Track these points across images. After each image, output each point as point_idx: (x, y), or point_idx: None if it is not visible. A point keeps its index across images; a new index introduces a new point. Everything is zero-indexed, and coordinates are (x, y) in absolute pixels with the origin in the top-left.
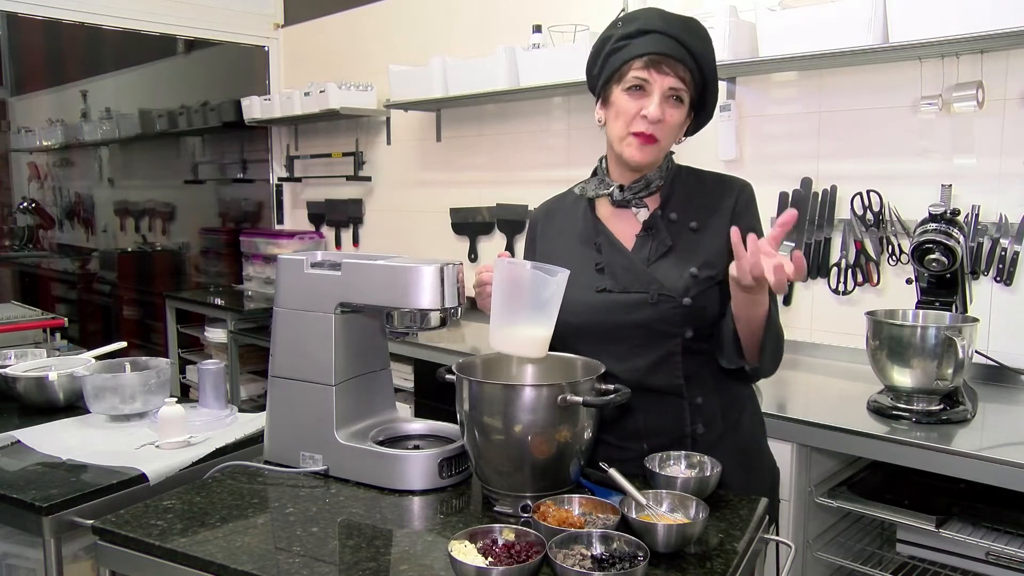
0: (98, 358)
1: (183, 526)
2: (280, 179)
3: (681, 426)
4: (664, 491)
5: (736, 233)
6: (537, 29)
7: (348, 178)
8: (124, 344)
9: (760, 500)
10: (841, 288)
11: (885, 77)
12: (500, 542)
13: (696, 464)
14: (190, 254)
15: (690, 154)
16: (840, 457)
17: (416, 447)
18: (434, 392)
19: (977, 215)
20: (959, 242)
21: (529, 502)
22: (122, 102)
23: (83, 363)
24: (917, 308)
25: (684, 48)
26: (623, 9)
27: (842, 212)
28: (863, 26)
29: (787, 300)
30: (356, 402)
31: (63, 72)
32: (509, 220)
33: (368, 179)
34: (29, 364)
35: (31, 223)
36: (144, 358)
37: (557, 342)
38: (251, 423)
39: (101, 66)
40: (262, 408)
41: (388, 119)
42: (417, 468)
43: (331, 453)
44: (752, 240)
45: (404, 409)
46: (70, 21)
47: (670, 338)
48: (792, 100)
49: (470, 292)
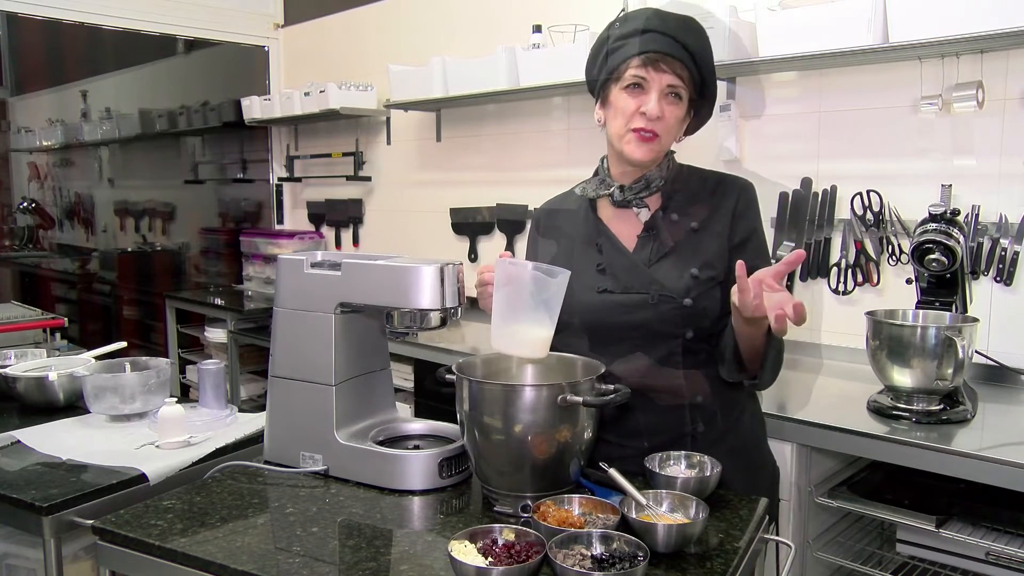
0: (98, 358)
1: (183, 526)
2: (280, 179)
3: (681, 425)
4: (664, 491)
5: (741, 266)
6: (537, 29)
7: (348, 178)
8: (124, 344)
9: (760, 500)
10: (841, 288)
11: (885, 77)
12: (500, 542)
13: (696, 464)
14: (190, 254)
15: (690, 154)
16: (840, 457)
17: (416, 447)
18: (434, 392)
19: (977, 215)
20: (959, 242)
21: (529, 502)
22: (122, 102)
23: (83, 363)
24: (917, 308)
25: (682, 46)
26: (623, 9)
27: (842, 212)
28: (863, 26)
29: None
30: (356, 402)
31: (63, 72)
32: (509, 220)
33: (368, 179)
34: (29, 364)
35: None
36: (144, 358)
37: (558, 341)
38: (251, 423)
39: (101, 66)
40: (262, 408)
41: (388, 119)
42: (417, 468)
43: (331, 453)
44: (756, 278)
45: (404, 409)
46: (70, 21)
47: (671, 339)
48: (792, 100)
49: (470, 292)
